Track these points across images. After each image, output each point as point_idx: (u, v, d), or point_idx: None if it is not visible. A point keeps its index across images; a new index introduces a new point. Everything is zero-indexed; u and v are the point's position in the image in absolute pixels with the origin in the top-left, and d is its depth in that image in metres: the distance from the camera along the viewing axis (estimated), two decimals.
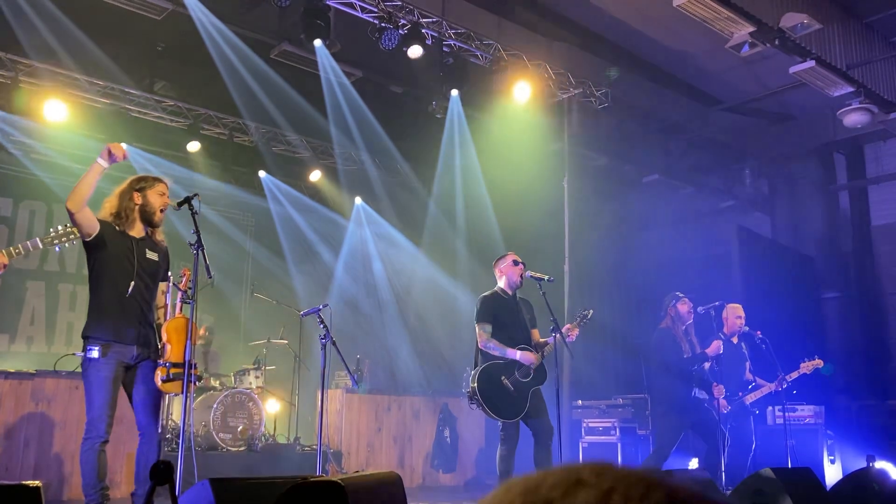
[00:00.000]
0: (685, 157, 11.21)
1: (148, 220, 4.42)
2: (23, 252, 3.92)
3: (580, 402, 8.33)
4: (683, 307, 6.46)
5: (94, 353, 4.12)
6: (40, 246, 4.03)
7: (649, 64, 9.27)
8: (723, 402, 6.37)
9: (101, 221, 4.28)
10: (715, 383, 6.31)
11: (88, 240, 4.23)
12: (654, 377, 6.62)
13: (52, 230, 4.14)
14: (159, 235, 4.51)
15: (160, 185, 4.50)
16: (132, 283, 4.24)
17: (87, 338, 4.20)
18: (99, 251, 4.26)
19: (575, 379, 8.61)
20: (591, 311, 5.87)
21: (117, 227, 4.33)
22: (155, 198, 4.42)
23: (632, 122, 10.30)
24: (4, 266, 3.74)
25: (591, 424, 8.11)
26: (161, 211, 4.43)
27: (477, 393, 5.44)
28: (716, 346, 6.41)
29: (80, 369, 4.28)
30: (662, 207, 11.25)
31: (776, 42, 7.39)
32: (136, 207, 4.39)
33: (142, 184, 4.47)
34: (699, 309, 6.59)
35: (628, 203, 11.20)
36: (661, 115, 10.21)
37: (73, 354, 4.51)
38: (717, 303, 6.76)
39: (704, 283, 8.46)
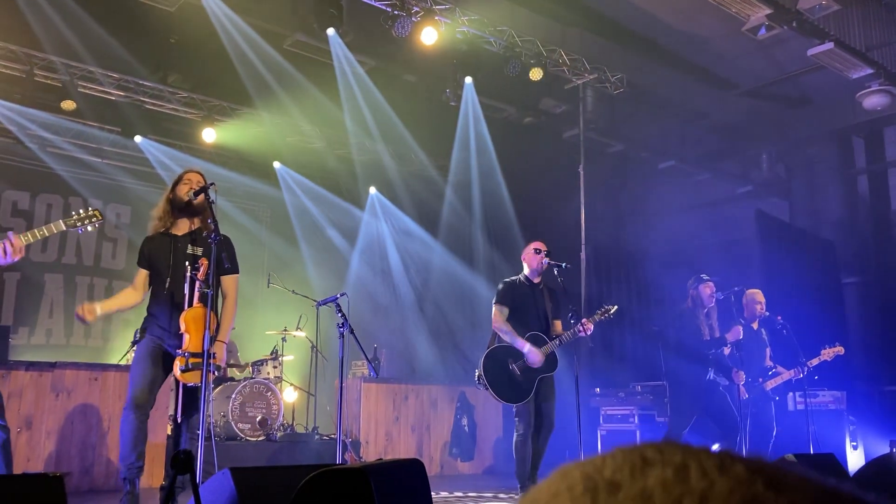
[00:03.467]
0: (701, 142, 11.11)
1: (181, 210, 4.59)
2: (46, 234, 3.94)
3: (598, 389, 8.30)
4: (706, 290, 6.41)
5: (137, 336, 4.57)
6: (63, 227, 4.06)
7: (664, 49, 9.18)
8: (742, 388, 6.33)
9: (140, 251, 4.66)
10: (735, 369, 6.27)
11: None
12: (670, 359, 6.60)
13: (73, 213, 4.18)
14: (209, 226, 4.47)
15: (185, 174, 4.69)
16: (168, 279, 4.47)
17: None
18: (151, 265, 4.61)
19: (593, 366, 8.59)
20: (615, 308, 5.86)
21: (160, 231, 4.60)
22: (181, 188, 4.60)
23: (647, 107, 10.21)
24: (22, 250, 3.75)
25: (609, 412, 8.08)
26: (188, 195, 4.53)
27: (483, 375, 5.50)
28: (736, 332, 6.37)
29: (98, 360, 4.39)
30: (679, 193, 11.18)
31: (794, 24, 7.30)
32: (168, 204, 4.61)
33: (175, 181, 4.72)
34: (718, 294, 6.54)
35: (645, 189, 11.13)
36: (677, 100, 10.12)
37: (132, 343, 4.74)
38: (736, 288, 6.71)
39: (723, 269, 8.39)
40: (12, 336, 8.28)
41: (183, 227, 4.63)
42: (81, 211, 4.21)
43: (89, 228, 4.22)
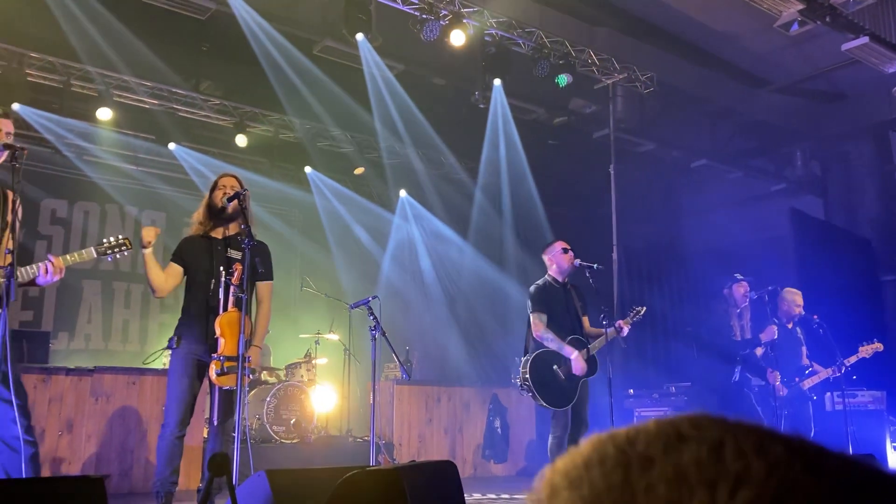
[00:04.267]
0: (733, 140, 10.99)
1: (218, 215, 4.64)
2: (78, 259, 4.01)
3: (632, 390, 8.25)
4: (739, 290, 6.35)
5: (173, 344, 4.49)
6: (94, 255, 4.12)
7: (694, 46, 9.10)
8: (779, 385, 6.24)
9: (177, 249, 4.69)
10: (770, 369, 6.20)
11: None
12: (701, 360, 6.55)
13: (104, 241, 4.22)
14: (252, 230, 4.52)
15: (220, 179, 4.75)
16: (212, 283, 4.52)
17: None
18: (185, 268, 4.64)
19: (626, 367, 8.53)
20: (644, 309, 5.82)
21: (201, 235, 4.65)
22: (217, 194, 4.67)
23: (678, 106, 10.13)
24: (62, 271, 3.83)
25: (643, 413, 8.03)
26: (222, 201, 4.59)
27: (528, 380, 5.45)
28: (770, 332, 6.30)
29: (135, 364, 4.45)
30: (711, 192, 11.07)
31: (827, 19, 7.19)
32: (206, 209, 4.68)
33: (212, 186, 4.78)
34: (752, 294, 6.47)
35: (676, 189, 11.04)
36: (708, 98, 10.02)
37: (165, 349, 4.78)
38: (770, 287, 6.63)
39: (757, 268, 8.29)
40: (52, 341, 8.46)
41: (220, 231, 4.69)
42: (112, 239, 4.26)
43: (118, 256, 4.28)
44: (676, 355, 8.91)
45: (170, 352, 4.57)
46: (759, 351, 6.29)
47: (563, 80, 8.32)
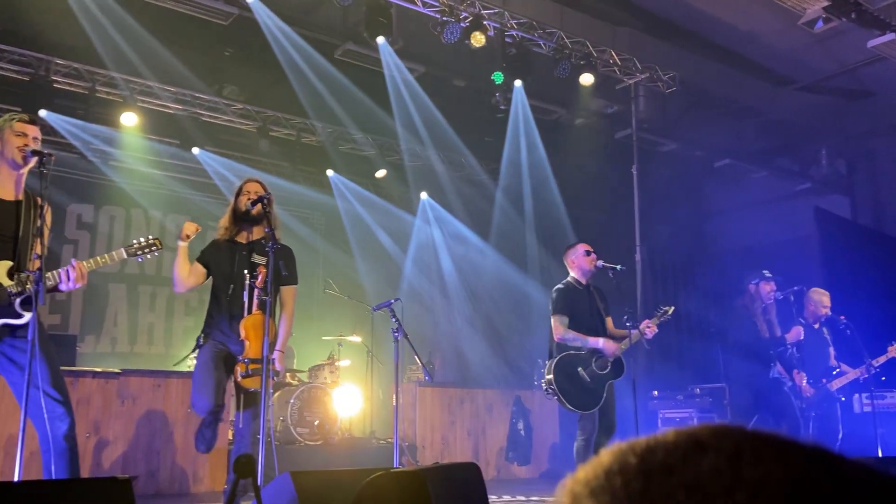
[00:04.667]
0: (757, 139, 10.89)
1: (242, 220, 4.69)
2: (108, 262, 4.05)
3: (656, 392, 8.19)
4: (766, 287, 6.27)
5: (200, 341, 4.55)
6: (125, 256, 4.15)
7: (717, 45, 9.03)
8: (805, 386, 6.17)
9: (203, 251, 4.74)
10: (796, 370, 6.12)
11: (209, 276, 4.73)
12: (729, 360, 6.48)
13: (134, 242, 4.25)
14: (277, 233, 4.56)
15: (245, 185, 4.79)
16: (231, 287, 4.56)
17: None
18: (209, 269, 4.70)
19: (650, 369, 8.48)
20: (672, 309, 5.78)
21: (226, 239, 4.71)
22: (241, 198, 4.71)
23: (701, 105, 10.05)
24: (84, 277, 3.87)
25: (667, 415, 7.97)
26: (246, 206, 4.64)
27: (553, 384, 5.42)
28: (796, 333, 6.22)
29: (160, 367, 4.49)
30: (735, 192, 10.98)
31: (853, 16, 7.11)
32: (231, 214, 4.73)
33: (235, 191, 4.83)
34: (777, 294, 6.40)
35: (700, 189, 10.96)
36: (731, 97, 9.94)
37: (194, 350, 4.81)
38: (795, 288, 6.55)
39: (783, 268, 8.21)
40: (79, 344, 8.56)
41: (245, 236, 4.73)
42: (142, 239, 4.28)
43: (148, 256, 4.31)
44: (701, 356, 8.84)
45: (197, 351, 4.62)
46: (794, 352, 6.21)
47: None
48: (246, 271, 4.53)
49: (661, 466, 0.49)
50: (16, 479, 3.38)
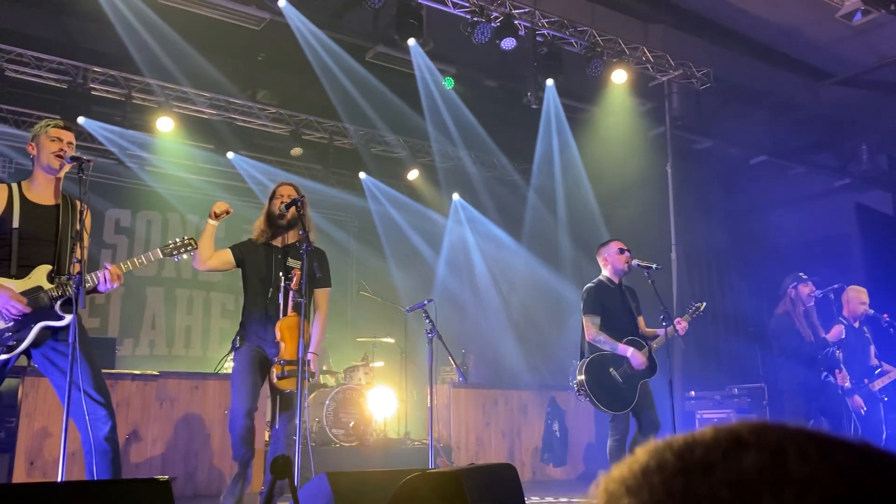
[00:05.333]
0: (794, 135, 10.71)
1: (276, 224, 4.73)
2: (145, 262, 4.10)
3: (693, 392, 8.09)
4: (805, 289, 6.16)
5: (236, 344, 4.60)
6: (160, 256, 4.20)
7: (751, 40, 8.90)
8: (856, 398, 6.05)
9: (239, 245, 4.77)
10: (838, 370, 6.01)
11: (234, 268, 4.75)
12: (774, 364, 6.36)
13: (170, 242, 4.30)
14: (311, 236, 4.60)
15: (278, 188, 4.83)
16: (270, 290, 4.58)
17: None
18: (243, 268, 4.72)
19: (687, 369, 8.38)
20: (704, 304, 5.70)
21: (261, 241, 4.73)
22: (275, 202, 4.75)
23: (736, 102, 9.91)
24: (120, 277, 3.92)
25: (705, 415, 7.87)
26: (281, 209, 4.67)
27: (584, 385, 5.38)
28: (837, 332, 6.11)
29: (198, 369, 4.55)
30: (772, 189, 10.80)
31: (892, 7, 6.96)
32: (266, 218, 4.76)
33: (271, 194, 4.85)
34: (817, 293, 6.28)
35: (736, 186, 10.80)
36: (767, 93, 9.79)
37: (229, 352, 4.87)
38: (835, 286, 6.42)
39: (821, 266, 8.06)
40: (118, 347, 8.69)
41: (280, 240, 4.77)
42: (178, 239, 4.33)
43: (184, 256, 4.35)
44: (738, 356, 8.72)
45: (233, 354, 4.66)
46: (839, 353, 6.08)
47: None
48: (281, 274, 4.56)
49: (700, 464, 0.49)
50: (59, 479, 3.44)
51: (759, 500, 0.46)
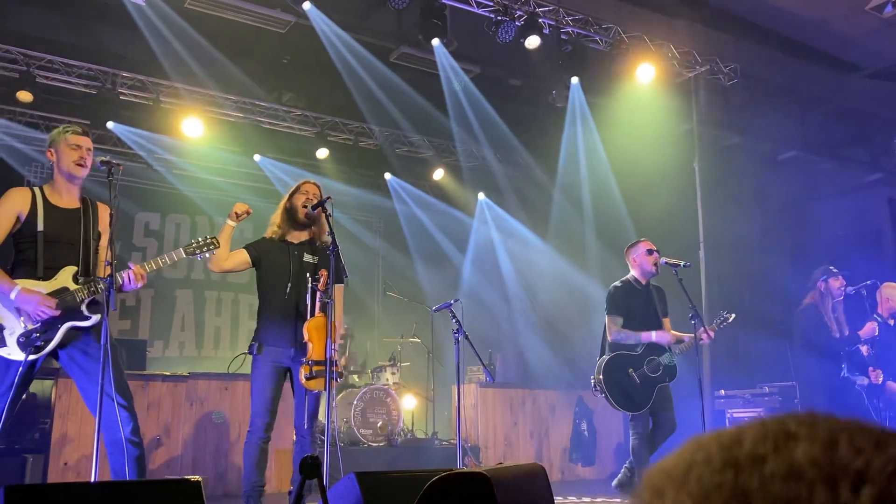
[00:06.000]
0: (824, 130, 10.55)
1: (296, 221, 4.70)
2: (168, 262, 4.13)
3: (723, 391, 8.01)
4: (835, 283, 6.08)
5: (254, 350, 4.51)
6: (184, 255, 4.23)
7: (779, 34, 8.78)
8: (890, 383, 5.95)
9: (253, 244, 4.73)
10: (872, 367, 5.91)
11: (250, 267, 4.70)
12: (797, 356, 6.29)
13: (192, 241, 4.34)
14: (323, 237, 4.65)
15: (304, 186, 4.81)
16: (288, 286, 4.53)
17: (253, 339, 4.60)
18: (259, 269, 4.69)
19: (716, 367, 8.29)
20: (733, 316, 5.66)
21: (277, 238, 4.70)
22: (298, 199, 4.74)
23: (764, 97, 9.79)
24: (143, 277, 3.96)
25: (735, 415, 7.78)
26: (304, 207, 4.67)
27: (601, 384, 5.39)
28: (870, 329, 6.02)
29: (232, 370, 4.58)
30: (802, 184, 10.65)
31: None
32: (285, 213, 4.73)
33: (292, 191, 4.84)
34: (849, 289, 6.19)
35: (765, 182, 10.66)
36: (796, 87, 9.65)
37: (244, 354, 4.86)
38: (868, 282, 6.33)
39: (853, 262, 7.94)
40: (149, 349, 8.80)
41: (298, 236, 4.74)
42: (200, 239, 4.36)
43: (207, 255, 4.38)
44: (768, 354, 8.60)
45: (251, 357, 4.61)
46: (865, 349, 6.00)
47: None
48: (309, 275, 4.56)
49: (750, 456, 0.48)
50: (92, 479, 3.49)
51: (812, 492, 0.45)
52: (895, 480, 0.44)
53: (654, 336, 5.39)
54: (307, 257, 4.66)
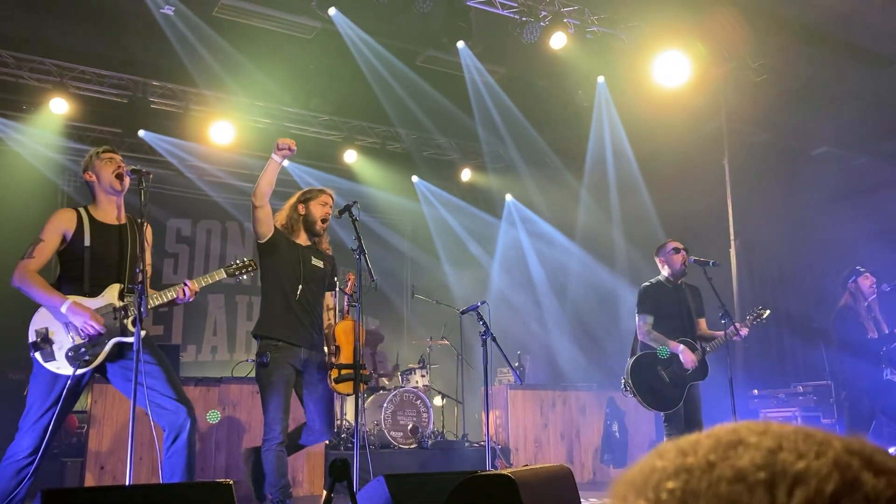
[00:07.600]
0: (857, 124, 10.37)
1: (310, 230, 4.65)
2: (211, 281, 4.21)
3: (756, 391, 7.91)
4: (865, 282, 5.98)
5: (266, 357, 4.39)
6: (224, 275, 4.29)
7: (809, 28, 8.65)
8: None
9: (279, 231, 4.57)
10: None
11: (263, 241, 4.49)
12: (836, 360, 6.19)
13: (232, 262, 4.39)
14: (325, 244, 4.71)
15: (323, 196, 4.71)
16: (300, 287, 4.47)
17: (258, 337, 4.50)
18: (270, 256, 4.52)
19: (749, 366, 8.20)
20: (768, 312, 5.58)
21: (286, 237, 4.62)
22: (317, 208, 4.65)
23: (795, 92, 9.65)
24: (195, 293, 4.05)
25: (769, 415, 7.68)
26: (322, 221, 4.62)
27: (631, 383, 5.36)
28: None
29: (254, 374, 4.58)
30: (835, 181, 10.47)
31: None
32: (300, 218, 4.64)
33: (307, 195, 4.73)
34: (884, 286, 6.09)
35: (797, 179, 10.51)
36: (827, 82, 9.50)
37: (247, 360, 4.85)
38: None
39: (887, 259, 7.80)
40: (181, 354, 8.92)
41: (303, 239, 4.68)
42: (238, 261, 4.39)
43: (244, 278, 4.42)
44: (802, 353, 8.49)
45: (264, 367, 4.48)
46: None
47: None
48: (317, 278, 4.55)
49: (702, 462, 0.52)
50: (127, 482, 3.55)
51: (753, 494, 0.49)
52: (828, 482, 0.47)
53: (680, 350, 5.33)
54: (315, 261, 4.61)
